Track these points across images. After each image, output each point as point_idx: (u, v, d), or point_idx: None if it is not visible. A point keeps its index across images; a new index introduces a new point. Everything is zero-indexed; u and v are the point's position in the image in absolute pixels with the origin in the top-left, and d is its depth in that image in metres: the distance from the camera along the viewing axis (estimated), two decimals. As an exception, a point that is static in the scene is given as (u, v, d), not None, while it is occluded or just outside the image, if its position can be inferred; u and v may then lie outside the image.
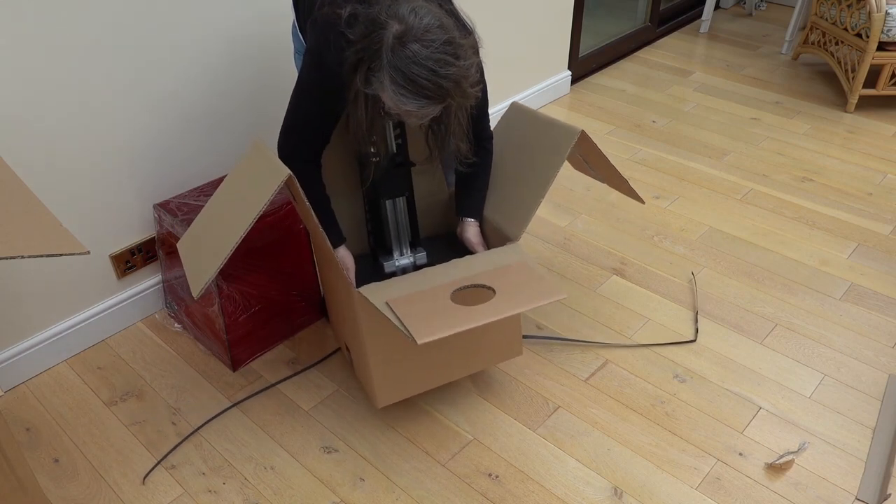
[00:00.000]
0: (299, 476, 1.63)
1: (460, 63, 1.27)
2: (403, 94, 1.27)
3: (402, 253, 1.71)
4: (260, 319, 1.89)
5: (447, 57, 1.25)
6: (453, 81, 1.27)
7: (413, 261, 1.71)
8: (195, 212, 1.82)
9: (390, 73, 1.26)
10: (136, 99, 1.79)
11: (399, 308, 1.39)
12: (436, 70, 1.25)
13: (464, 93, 1.32)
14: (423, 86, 1.26)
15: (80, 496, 1.60)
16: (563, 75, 3.20)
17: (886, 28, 2.84)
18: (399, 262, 1.70)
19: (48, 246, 1.04)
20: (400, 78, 1.26)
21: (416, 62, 1.24)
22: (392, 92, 1.28)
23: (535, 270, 1.49)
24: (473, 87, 1.33)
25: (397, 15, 1.26)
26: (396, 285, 1.48)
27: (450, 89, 1.28)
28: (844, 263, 2.23)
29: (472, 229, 1.72)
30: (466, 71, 1.29)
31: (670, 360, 1.91)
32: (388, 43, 1.25)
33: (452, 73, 1.26)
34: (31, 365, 1.86)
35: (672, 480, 1.61)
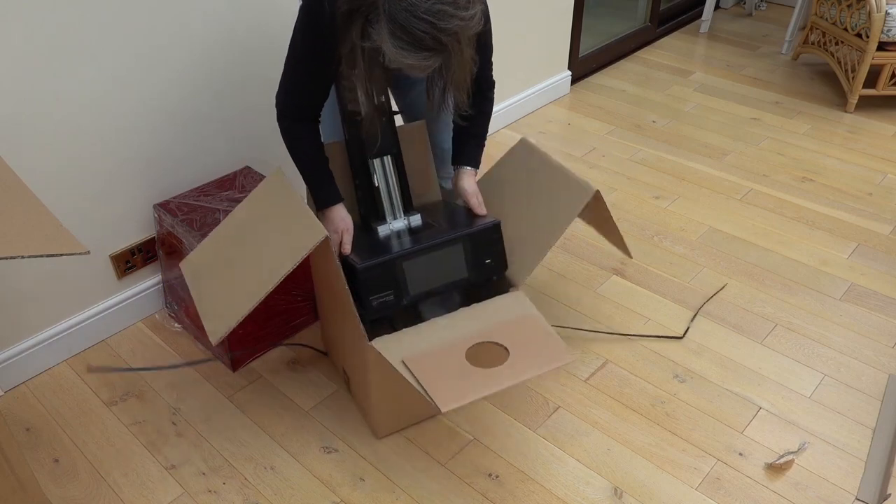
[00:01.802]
0: (299, 476, 1.63)
1: (461, 14, 1.23)
2: (403, 48, 1.23)
3: (396, 216, 1.65)
4: (260, 319, 1.89)
5: (446, 7, 1.21)
6: (453, 34, 1.23)
7: (407, 223, 1.65)
8: (195, 212, 1.82)
9: (388, 27, 1.22)
10: (136, 99, 1.79)
11: (417, 369, 1.38)
12: (435, 23, 1.20)
13: (466, 44, 1.27)
14: (422, 39, 1.22)
15: (80, 496, 1.60)
16: (563, 75, 3.20)
17: (886, 28, 2.84)
18: (393, 225, 1.64)
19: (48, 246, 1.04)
20: (399, 31, 1.22)
21: (415, 14, 1.20)
22: (392, 45, 1.24)
23: (544, 327, 1.49)
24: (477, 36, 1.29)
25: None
26: (409, 339, 1.47)
27: (450, 43, 1.24)
28: (844, 263, 2.23)
29: (468, 178, 1.65)
30: (468, 22, 1.24)
31: (670, 360, 1.91)
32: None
33: (453, 25, 1.22)
34: (31, 365, 1.86)
35: (672, 480, 1.61)
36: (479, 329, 1.50)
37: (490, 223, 1.57)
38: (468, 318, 1.53)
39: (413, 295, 1.55)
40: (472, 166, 1.67)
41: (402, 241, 1.57)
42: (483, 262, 1.59)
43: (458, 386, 1.35)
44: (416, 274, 1.54)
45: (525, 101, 3.04)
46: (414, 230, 1.62)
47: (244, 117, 2.05)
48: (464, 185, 1.65)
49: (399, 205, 1.66)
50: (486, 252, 1.58)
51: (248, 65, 1.99)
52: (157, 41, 1.77)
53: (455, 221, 1.61)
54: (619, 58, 3.56)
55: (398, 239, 1.59)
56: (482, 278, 1.60)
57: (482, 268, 1.59)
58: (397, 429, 1.71)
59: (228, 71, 1.95)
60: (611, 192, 2.58)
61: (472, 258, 1.57)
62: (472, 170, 1.67)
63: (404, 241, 1.57)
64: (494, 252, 1.59)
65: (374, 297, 1.51)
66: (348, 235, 1.56)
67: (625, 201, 2.53)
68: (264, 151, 2.14)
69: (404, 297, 1.54)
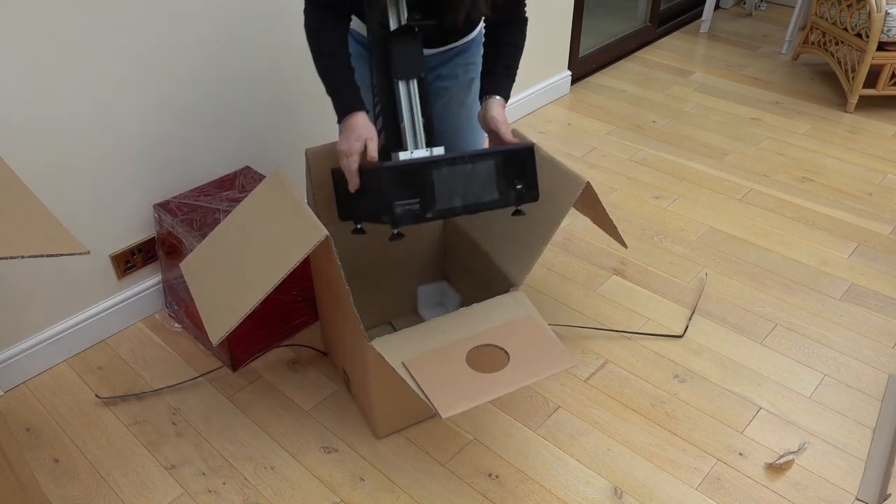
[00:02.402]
0: (299, 476, 1.63)
1: None
2: None
3: (418, 146, 1.53)
4: (260, 319, 1.89)
5: None
6: None
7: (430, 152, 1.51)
8: (195, 212, 1.82)
9: None
10: (136, 99, 1.79)
11: (417, 373, 1.38)
12: None
13: None
14: None
15: (80, 496, 1.60)
16: (563, 75, 3.20)
17: (886, 28, 2.84)
18: (416, 154, 1.50)
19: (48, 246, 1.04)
20: None
21: None
22: None
23: (544, 330, 1.48)
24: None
25: None
26: (409, 340, 1.46)
27: None
28: (844, 263, 2.23)
29: (497, 108, 1.55)
30: None
31: (670, 360, 1.91)
32: None
33: None
34: (31, 365, 1.86)
35: (672, 480, 1.61)
36: (480, 330, 1.50)
37: (523, 145, 1.47)
38: (468, 319, 1.53)
39: (440, 208, 1.45)
40: (502, 96, 1.56)
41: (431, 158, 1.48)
42: (514, 185, 1.50)
43: (459, 391, 1.35)
44: (445, 185, 1.44)
45: (525, 101, 3.04)
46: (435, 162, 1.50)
47: (244, 117, 2.05)
48: (493, 114, 1.54)
49: (422, 135, 1.54)
50: (517, 175, 1.49)
51: (249, 65, 1.99)
52: (158, 41, 1.77)
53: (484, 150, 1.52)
54: (619, 58, 3.56)
55: None
56: (511, 202, 1.51)
57: (513, 191, 1.50)
58: (397, 429, 1.72)
59: (228, 71, 1.95)
60: (611, 192, 2.58)
61: (503, 179, 1.48)
62: (502, 99, 1.56)
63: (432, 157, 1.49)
64: (526, 176, 1.50)
65: (400, 203, 1.41)
66: (373, 143, 1.45)
67: (625, 201, 2.53)
68: (264, 151, 2.14)
69: (430, 209, 1.44)
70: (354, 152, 1.43)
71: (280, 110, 2.12)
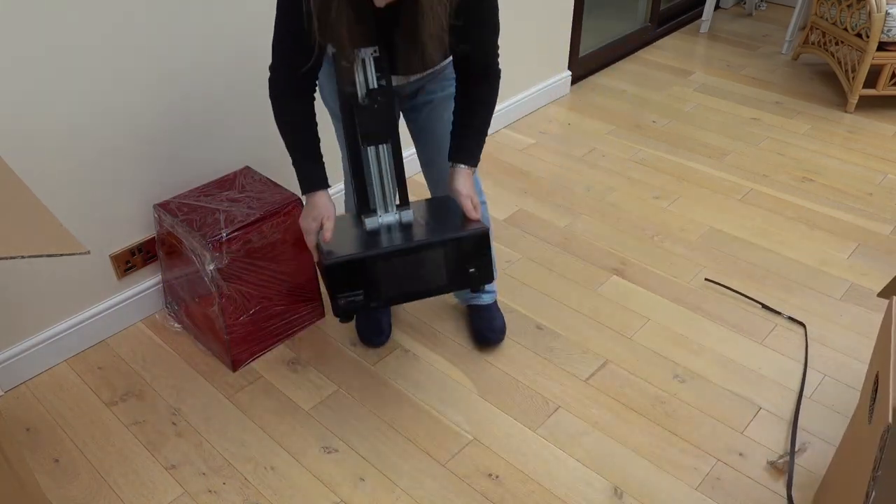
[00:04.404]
0: (299, 476, 1.63)
1: None
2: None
3: (387, 209, 1.53)
4: (260, 319, 1.89)
5: None
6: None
7: (398, 218, 1.53)
8: (195, 212, 1.82)
9: None
10: (136, 99, 1.79)
11: None
12: None
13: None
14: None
15: (80, 496, 1.60)
16: (563, 75, 3.20)
17: (886, 28, 2.84)
18: (383, 218, 1.53)
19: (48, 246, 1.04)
20: None
21: None
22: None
23: None
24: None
25: None
26: None
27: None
28: (844, 263, 2.23)
29: (462, 178, 1.53)
30: None
31: (670, 360, 1.91)
32: None
33: None
34: (31, 365, 1.86)
35: (672, 480, 1.61)
36: None
37: (477, 231, 1.47)
38: None
39: (385, 298, 1.48)
40: (469, 164, 1.56)
41: (383, 239, 1.48)
42: (466, 270, 1.50)
43: None
44: (391, 276, 1.46)
45: (525, 101, 3.04)
46: (403, 226, 1.52)
47: (244, 117, 2.05)
48: (457, 187, 1.54)
49: (392, 197, 1.54)
50: (470, 260, 1.49)
51: (248, 65, 1.99)
52: (158, 41, 1.77)
53: (445, 224, 1.51)
54: (619, 58, 3.56)
55: (381, 235, 1.50)
56: (463, 286, 1.52)
57: (464, 276, 1.51)
58: None
59: (228, 71, 1.95)
60: (611, 192, 2.58)
61: (453, 265, 1.49)
62: (468, 168, 1.56)
63: (384, 238, 1.48)
64: (480, 261, 1.50)
65: (342, 296, 1.45)
66: (329, 223, 1.49)
67: (625, 201, 2.53)
68: (264, 151, 2.14)
69: (375, 299, 1.47)
70: (312, 231, 1.49)
71: (280, 110, 2.12)
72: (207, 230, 1.75)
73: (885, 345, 1.20)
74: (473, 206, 1.53)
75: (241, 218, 1.78)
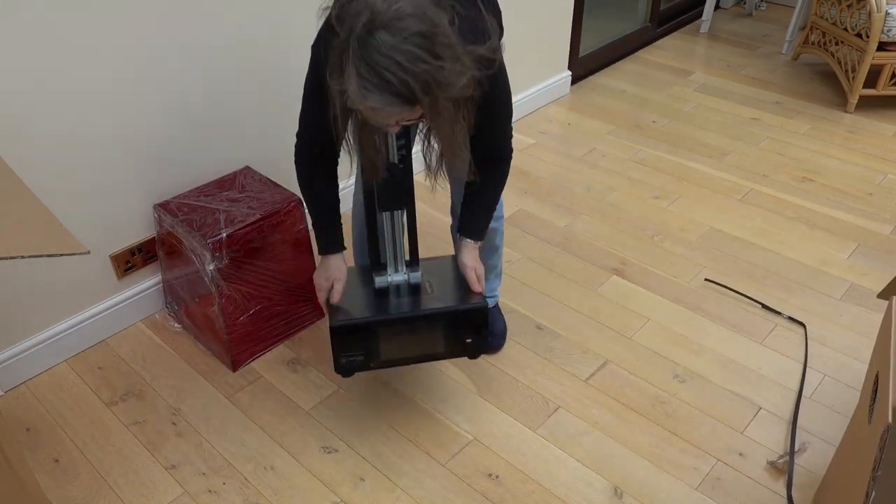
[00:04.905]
0: (299, 476, 1.63)
1: (436, 63, 1.12)
2: (366, 87, 1.13)
3: (397, 269, 1.63)
4: (260, 319, 1.89)
5: (418, 51, 1.10)
6: (422, 81, 1.12)
7: (407, 278, 1.63)
8: (195, 212, 1.82)
9: (355, 63, 1.13)
10: (136, 99, 1.79)
11: None
12: (402, 63, 1.10)
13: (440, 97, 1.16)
14: (386, 79, 1.11)
15: (80, 496, 1.60)
16: (563, 75, 3.20)
17: (886, 28, 2.84)
18: (392, 278, 1.63)
19: (48, 246, 1.04)
20: (363, 68, 1.12)
21: (381, 52, 1.10)
22: (356, 84, 1.14)
23: None
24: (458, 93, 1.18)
25: (368, 2, 1.13)
26: None
27: (418, 89, 1.12)
28: (844, 263, 2.23)
29: (468, 251, 1.60)
30: (442, 74, 1.13)
31: (670, 360, 1.91)
32: (356, 31, 1.12)
33: (422, 70, 1.11)
34: (31, 365, 1.86)
35: (672, 480, 1.61)
36: None
37: (476, 306, 1.55)
38: None
39: (384, 360, 1.58)
40: (474, 239, 1.60)
41: (388, 303, 1.57)
42: (463, 340, 1.59)
43: None
44: (391, 341, 1.56)
45: (525, 101, 3.04)
46: (409, 288, 1.62)
47: (244, 117, 2.05)
48: (462, 259, 1.60)
49: (403, 259, 1.63)
50: (467, 332, 1.58)
51: (249, 65, 1.99)
52: (158, 41, 1.77)
53: (449, 293, 1.59)
54: (619, 58, 3.56)
55: (388, 297, 1.59)
56: (459, 354, 1.61)
57: (460, 345, 1.60)
58: None
59: (229, 71, 1.95)
60: (611, 192, 2.58)
61: (451, 335, 1.58)
62: (474, 243, 1.60)
63: (390, 302, 1.57)
64: (476, 333, 1.59)
65: (344, 355, 1.55)
66: (339, 284, 1.57)
67: (625, 201, 2.53)
68: (264, 151, 2.14)
69: (374, 361, 1.57)
70: (324, 289, 1.58)
71: (280, 110, 2.12)
72: (207, 230, 1.75)
73: (885, 345, 1.20)
74: (477, 277, 1.60)
75: (241, 218, 1.78)
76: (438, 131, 1.30)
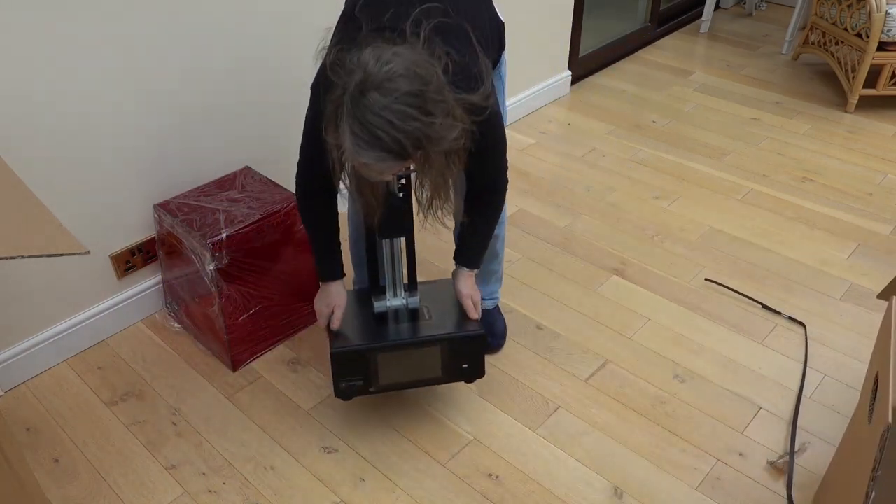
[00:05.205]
0: (299, 476, 1.63)
1: (427, 119, 1.15)
2: (360, 145, 1.16)
3: (396, 294, 1.69)
4: (260, 319, 1.89)
5: (409, 109, 1.13)
6: (414, 138, 1.15)
7: (405, 303, 1.69)
8: (195, 212, 1.82)
9: (349, 122, 1.17)
10: (136, 99, 1.79)
11: None
12: (394, 122, 1.13)
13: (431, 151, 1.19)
14: (379, 137, 1.14)
15: (80, 496, 1.60)
16: (563, 75, 3.20)
17: (886, 28, 2.84)
18: (391, 302, 1.69)
19: (48, 246, 1.04)
20: (357, 127, 1.16)
21: (373, 111, 1.13)
22: (350, 142, 1.18)
23: None
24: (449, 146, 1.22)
25: (361, 62, 1.16)
26: None
27: (409, 146, 1.16)
28: (844, 263, 2.23)
29: (464, 279, 1.65)
30: (433, 130, 1.16)
31: (670, 360, 1.91)
32: (349, 90, 1.16)
33: (413, 128, 1.14)
34: (31, 365, 1.86)
35: (672, 480, 1.61)
36: None
37: (473, 333, 1.60)
38: None
39: (383, 385, 1.62)
40: (471, 268, 1.65)
41: (387, 329, 1.61)
42: (460, 365, 1.64)
43: None
44: (390, 366, 1.60)
45: (525, 101, 3.04)
46: (408, 313, 1.67)
47: (244, 117, 2.05)
48: (458, 287, 1.65)
49: (402, 284, 1.68)
50: (463, 357, 1.63)
51: (249, 65, 1.99)
52: (158, 41, 1.77)
53: (446, 318, 1.64)
54: (619, 58, 3.56)
55: (387, 324, 1.63)
56: (455, 379, 1.66)
57: (458, 371, 1.64)
58: None
59: (229, 71, 1.95)
60: (611, 192, 2.58)
61: (448, 361, 1.62)
62: (470, 271, 1.65)
63: (389, 328, 1.62)
64: (473, 359, 1.64)
65: (344, 380, 1.59)
66: (339, 311, 1.62)
67: (625, 201, 2.53)
68: (264, 151, 2.14)
69: (373, 385, 1.62)
70: (324, 315, 1.64)
71: (280, 110, 2.12)
72: (207, 230, 1.75)
73: (885, 345, 1.20)
74: (474, 304, 1.65)
75: (241, 218, 1.78)
76: (430, 180, 1.33)
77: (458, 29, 1.33)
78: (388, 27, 1.27)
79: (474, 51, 1.32)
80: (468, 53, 1.32)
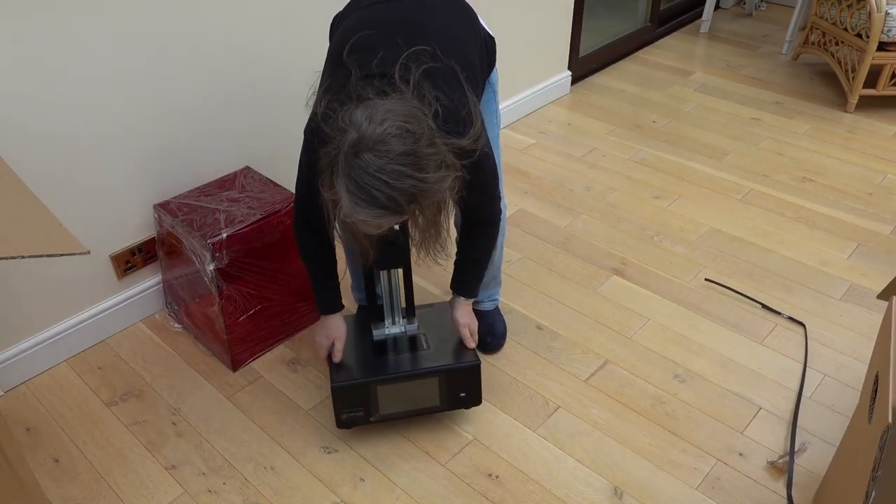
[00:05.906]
0: (299, 476, 1.63)
1: (420, 175, 1.17)
2: (356, 203, 1.19)
3: (394, 322, 1.72)
4: (260, 319, 1.89)
5: (403, 168, 1.16)
6: (408, 194, 1.18)
7: (404, 330, 1.72)
8: (195, 212, 1.82)
9: (345, 181, 1.19)
10: (136, 99, 1.79)
11: None
12: (389, 182, 1.16)
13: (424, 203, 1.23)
14: (375, 196, 1.17)
15: (80, 496, 1.60)
16: (563, 75, 3.20)
17: (886, 28, 2.84)
18: (389, 330, 1.71)
19: (48, 246, 1.04)
20: (353, 186, 1.18)
21: (368, 172, 1.16)
22: (347, 200, 1.20)
23: None
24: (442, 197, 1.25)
25: (353, 121, 1.18)
26: None
27: (404, 202, 1.19)
28: (844, 263, 2.23)
29: (461, 308, 1.67)
30: (426, 185, 1.19)
31: (670, 360, 1.91)
32: (343, 150, 1.18)
33: (408, 185, 1.17)
34: (31, 365, 1.86)
35: (672, 480, 1.61)
36: None
37: (470, 364, 1.63)
38: None
39: (383, 415, 1.65)
40: (467, 297, 1.68)
41: (386, 361, 1.64)
42: (457, 394, 1.67)
43: None
44: (389, 397, 1.63)
45: (525, 101, 3.04)
46: (407, 341, 1.70)
47: (244, 117, 2.05)
48: (456, 316, 1.68)
49: (400, 312, 1.72)
50: (461, 387, 1.66)
51: (249, 65, 1.99)
52: (158, 41, 1.77)
53: (443, 348, 1.67)
54: (619, 58, 3.56)
55: (386, 354, 1.66)
56: (455, 407, 1.69)
57: (455, 399, 1.67)
58: None
59: (229, 71, 1.95)
60: (611, 192, 2.58)
61: (446, 390, 1.65)
62: (467, 300, 1.68)
63: (389, 360, 1.64)
64: (470, 388, 1.66)
65: (345, 412, 1.62)
66: (339, 343, 1.64)
67: (625, 201, 2.53)
68: (264, 151, 2.14)
69: (373, 416, 1.64)
70: (324, 347, 1.66)
71: (280, 110, 2.12)
72: (207, 230, 1.75)
73: (885, 345, 1.20)
74: (471, 332, 1.67)
75: (241, 218, 1.78)
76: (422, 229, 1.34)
77: (447, 71, 1.34)
78: (377, 74, 1.28)
79: (463, 92, 1.35)
80: (457, 97, 1.34)
